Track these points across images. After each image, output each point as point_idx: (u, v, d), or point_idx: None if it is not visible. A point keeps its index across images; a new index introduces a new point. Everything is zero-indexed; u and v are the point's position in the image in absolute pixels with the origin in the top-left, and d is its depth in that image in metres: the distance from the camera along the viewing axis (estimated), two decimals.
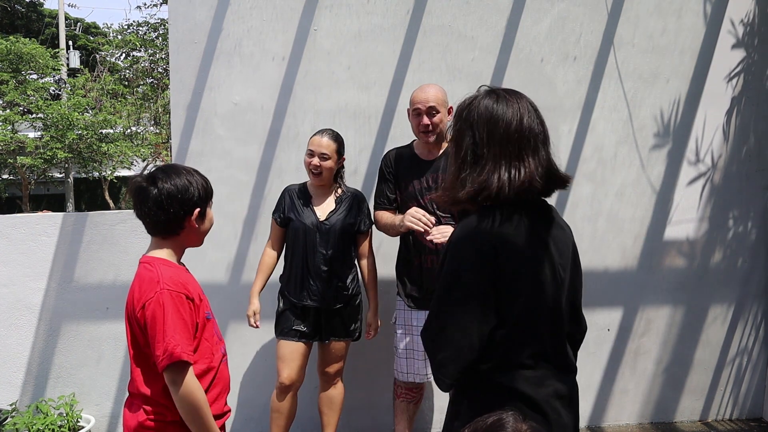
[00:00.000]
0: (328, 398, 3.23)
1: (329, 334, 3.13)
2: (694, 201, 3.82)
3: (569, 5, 3.67)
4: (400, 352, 3.12)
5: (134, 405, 1.89)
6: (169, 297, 1.80)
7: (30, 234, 3.54)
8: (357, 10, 3.56)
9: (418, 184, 3.01)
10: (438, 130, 2.96)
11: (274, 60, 3.56)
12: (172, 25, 3.53)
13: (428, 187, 3.00)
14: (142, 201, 1.86)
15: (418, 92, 2.99)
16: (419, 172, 3.03)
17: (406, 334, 3.11)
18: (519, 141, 1.56)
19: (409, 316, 3.09)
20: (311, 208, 3.12)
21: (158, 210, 1.85)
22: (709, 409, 3.93)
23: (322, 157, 3.06)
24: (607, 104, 3.73)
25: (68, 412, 3.46)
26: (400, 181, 3.08)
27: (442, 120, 2.96)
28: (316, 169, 3.07)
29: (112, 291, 3.57)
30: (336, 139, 3.12)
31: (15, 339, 3.56)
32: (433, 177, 3.01)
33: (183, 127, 3.52)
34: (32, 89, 12.41)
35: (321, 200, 3.16)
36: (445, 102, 2.98)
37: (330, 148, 3.08)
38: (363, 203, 3.21)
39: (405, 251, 3.12)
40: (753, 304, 3.89)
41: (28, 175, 13.81)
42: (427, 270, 3.01)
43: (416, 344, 3.06)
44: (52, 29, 20.56)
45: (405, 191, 3.05)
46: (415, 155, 3.08)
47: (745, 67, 3.79)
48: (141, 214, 1.89)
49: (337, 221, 3.09)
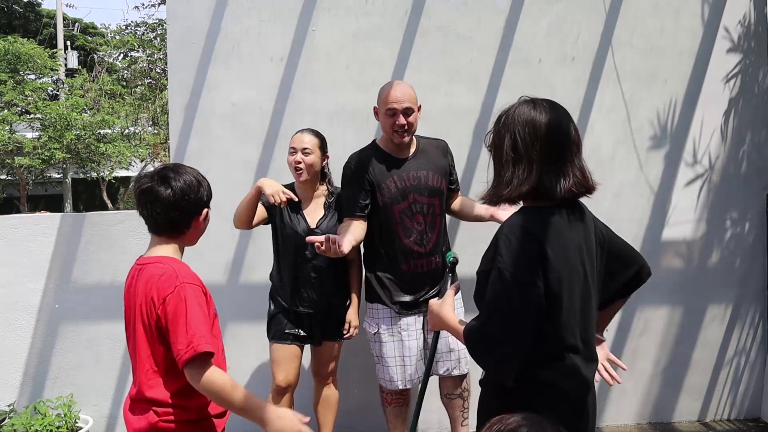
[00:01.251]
0: (323, 399, 3.23)
1: (322, 337, 3.12)
2: (692, 202, 3.82)
3: (567, 6, 3.67)
4: (387, 361, 3.01)
5: (139, 408, 1.86)
6: (191, 290, 1.80)
7: (28, 234, 3.54)
8: (355, 11, 3.56)
9: (400, 183, 2.93)
10: (412, 130, 2.94)
11: (272, 60, 3.56)
12: (170, 25, 3.53)
13: (410, 187, 2.92)
14: (153, 200, 1.84)
15: (390, 91, 2.89)
16: (398, 171, 2.95)
17: (393, 341, 3.00)
18: (561, 144, 1.65)
19: (397, 322, 2.99)
20: (301, 214, 3.06)
21: (171, 209, 1.84)
22: (707, 409, 3.93)
23: (304, 152, 2.98)
24: (605, 105, 3.73)
25: (66, 412, 3.45)
26: (380, 183, 2.94)
27: (416, 119, 2.94)
28: (299, 165, 2.99)
29: (110, 291, 3.56)
30: (317, 135, 3.06)
31: (13, 339, 3.56)
32: (413, 175, 2.94)
33: (181, 128, 3.52)
34: (30, 89, 12.39)
35: (310, 204, 3.09)
36: (416, 99, 2.94)
37: (312, 142, 3.01)
38: None
39: (389, 259, 2.98)
40: (751, 304, 3.90)
41: (26, 176, 13.80)
42: (418, 275, 2.95)
43: (407, 350, 2.98)
44: (50, 29, 20.54)
45: (388, 192, 2.93)
46: (387, 154, 2.98)
47: (742, 69, 3.79)
48: (150, 214, 1.87)
49: (327, 228, 3.03)
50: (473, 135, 3.65)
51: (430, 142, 3.09)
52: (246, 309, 3.49)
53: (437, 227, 2.98)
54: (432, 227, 2.96)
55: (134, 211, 2.01)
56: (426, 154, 3.02)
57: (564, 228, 1.65)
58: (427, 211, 2.94)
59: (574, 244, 1.67)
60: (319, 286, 3.03)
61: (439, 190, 2.98)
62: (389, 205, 2.93)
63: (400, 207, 2.93)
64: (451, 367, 3.04)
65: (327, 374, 3.20)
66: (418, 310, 3.01)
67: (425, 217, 2.94)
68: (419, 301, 2.99)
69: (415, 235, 2.93)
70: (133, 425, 1.87)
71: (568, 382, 1.67)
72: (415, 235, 2.93)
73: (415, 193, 2.93)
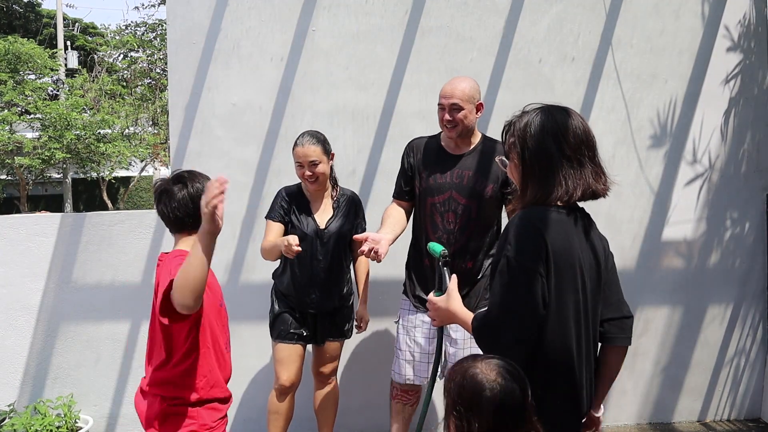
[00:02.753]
0: (324, 398, 3.23)
1: (325, 336, 3.13)
2: (692, 202, 3.82)
3: (567, 6, 3.67)
4: (399, 353, 3.05)
5: (149, 396, 2.02)
6: (176, 261, 1.94)
7: (28, 234, 3.54)
8: (355, 11, 3.56)
9: (440, 177, 2.89)
10: (461, 127, 2.85)
11: (272, 60, 3.56)
12: (170, 25, 3.52)
13: (451, 183, 2.88)
14: (170, 198, 2.05)
15: (446, 86, 2.86)
16: (444, 165, 2.90)
17: (407, 335, 3.02)
18: (581, 148, 1.69)
19: (414, 317, 3.00)
20: (311, 216, 3.05)
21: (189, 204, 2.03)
22: (708, 409, 3.94)
23: (312, 165, 2.95)
24: (606, 105, 3.73)
25: (66, 412, 3.45)
26: (421, 171, 2.93)
27: (467, 116, 2.84)
28: (312, 178, 2.97)
29: (110, 291, 3.56)
30: (318, 140, 2.99)
31: (13, 339, 3.56)
32: (458, 173, 2.88)
33: (181, 128, 3.52)
34: (30, 89, 12.40)
35: (318, 204, 3.08)
36: (471, 98, 2.84)
37: (317, 152, 2.95)
38: (359, 207, 3.18)
39: (415, 250, 3.03)
40: (751, 304, 3.90)
41: (26, 176, 13.81)
42: (434, 271, 2.89)
43: (416, 346, 2.99)
44: (50, 29, 20.55)
45: (425, 183, 2.91)
46: (441, 148, 2.95)
47: (742, 68, 3.79)
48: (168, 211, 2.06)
49: (336, 228, 3.04)
50: None
51: (493, 147, 2.93)
52: (246, 309, 3.49)
53: (469, 231, 2.88)
54: (463, 230, 2.87)
55: (134, 211, 2.14)
56: (482, 156, 2.92)
57: (571, 229, 1.70)
58: (462, 212, 2.87)
59: (578, 251, 1.70)
60: (327, 287, 3.04)
61: (480, 194, 2.88)
62: (423, 196, 2.92)
63: (434, 200, 2.89)
64: None
65: (328, 374, 3.20)
66: None
67: (458, 217, 2.87)
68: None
69: (442, 233, 2.87)
70: (144, 412, 2.02)
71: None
72: (441, 232, 2.87)
73: (453, 191, 2.87)
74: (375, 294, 3.37)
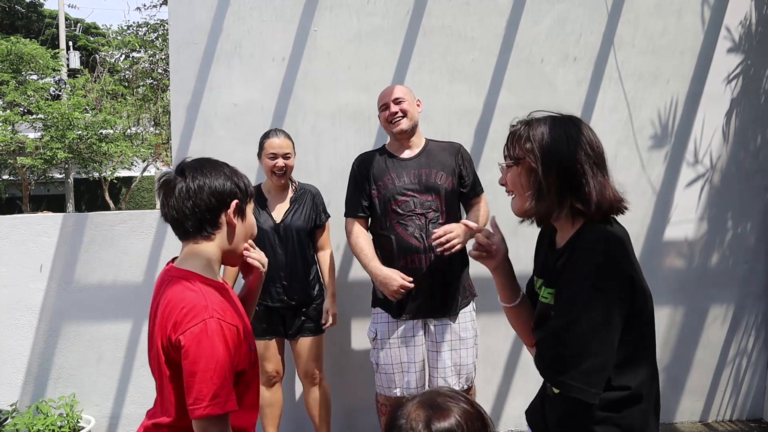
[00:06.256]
0: (314, 400, 3.25)
1: (297, 332, 3.17)
2: (694, 202, 3.82)
3: (569, 6, 3.67)
4: (384, 368, 2.96)
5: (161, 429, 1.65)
6: (216, 326, 1.54)
7: (30, 234, 3.55)
8: (357, 11, 3.57)
9: (399, 181, 2.93)
10: (407, 118, 2.94)
11: (274, 61, 3.56)
12: (172, 26, 3.53)
13: (410, 185, 2.91)
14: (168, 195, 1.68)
15: (381, 93, 3.04)
16: (399, 171, 2.95)
17: (392, 347, 2.94)
18: (599, 157, 1.66)
19: (394, 327, 2.95)
20: (266, 211, 3.14)
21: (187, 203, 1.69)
22: (710, 410, 3.93)
23: (285, 157, 3.12)
24: (607, 105, 3.73)
25: (68, 412, 3.46)
26: (377, 181, 2.96)
27: (410, 108, 2.95)
28: (281, 170, 3.11)
29: (112, 291, 3.57)
30: (288, 136, 3.18)
31: (15, 339, 3.57)
32: (415, 173, 2.93)
33: (183, 128, 3.53)
34: (32, 90, 12.40)
35: (276, 201, 3.19)
36: (409, 92, 3.00)
37: (290, 146, 3.14)
38: (317, 197, 3.25)
39: (387, 255, 2.94)
40: (753, 305, 3.89)
41: (28, 176, 13.81)
42: (415, 270, 2.87)
43: (408, 356, 2.93)
44: (52, 30, 20.57)
45: (385, 190, 2.93)
46: (390, 155, 3.02)
47: (744, 69, 3.79)
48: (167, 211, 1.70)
49: (294, 220, 3.14)
50: (475, 135, 3.65)
51: (440, 144, 3.08)
52: None
53: (439, 225, 2.90)
54: (434, 224, 2.90)
55: (136, 211, 2.01)
56: (431, 154, 3.01)
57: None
58: (429, 209, 2.91)
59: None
60: (289, 281, 3.11)
61: (439, 188, 2.93)
62: (386, 202, 2.94)
63: (398, 203, 2.91)
64: (452, 383, 2.96)
65: (311, 373, 3.22)
66: (420, 315, 2.94)
67: (426, 213, 2.91)
68: (416, 301, 2.92)
69: (413, 229, 2.90)
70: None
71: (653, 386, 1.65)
72: (412, 228, 2.90)
73: (413, 191, 2.92)
74: (365, 292, 3.31)
